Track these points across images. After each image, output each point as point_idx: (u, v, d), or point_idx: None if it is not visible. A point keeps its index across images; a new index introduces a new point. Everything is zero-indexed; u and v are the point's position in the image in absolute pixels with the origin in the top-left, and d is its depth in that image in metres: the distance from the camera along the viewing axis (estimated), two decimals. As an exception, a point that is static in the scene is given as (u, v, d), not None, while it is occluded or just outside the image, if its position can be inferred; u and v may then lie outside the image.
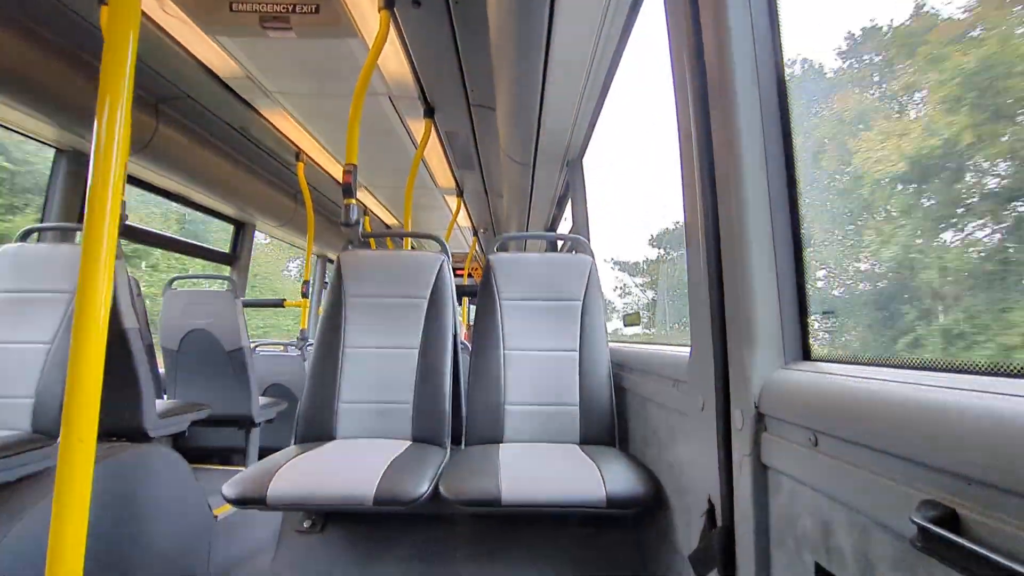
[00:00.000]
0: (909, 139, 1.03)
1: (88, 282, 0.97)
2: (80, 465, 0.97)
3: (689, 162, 1.03)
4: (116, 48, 1.00)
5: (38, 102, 2.04)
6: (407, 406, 1.71)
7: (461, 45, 2.29)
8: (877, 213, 1.13)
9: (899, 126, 1.07)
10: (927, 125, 1.00)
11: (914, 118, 1.05)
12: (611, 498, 1.24)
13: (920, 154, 1.00)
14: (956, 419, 0.47)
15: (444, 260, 1.87)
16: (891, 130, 1.08)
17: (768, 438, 0.78)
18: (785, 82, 0.92)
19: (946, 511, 0.46)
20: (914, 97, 1.07)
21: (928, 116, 1.02)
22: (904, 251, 1.04)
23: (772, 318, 0.85)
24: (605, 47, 1.93)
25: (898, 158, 1.04)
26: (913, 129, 1.04)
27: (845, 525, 0.61)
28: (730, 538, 0.87)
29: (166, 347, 2.88)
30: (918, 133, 1.02)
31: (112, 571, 1.56)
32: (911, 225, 1.03)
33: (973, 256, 0.89)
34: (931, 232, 1.00)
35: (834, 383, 0.67)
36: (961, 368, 0.61)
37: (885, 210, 1.10)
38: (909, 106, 1.08)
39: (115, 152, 1.00)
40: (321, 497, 1.26)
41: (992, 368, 0.57)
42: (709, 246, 0.95)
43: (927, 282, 0.96)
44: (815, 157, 1.23)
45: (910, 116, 1.06)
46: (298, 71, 2.49)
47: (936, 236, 0.99)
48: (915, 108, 1.06)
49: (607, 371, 1.75)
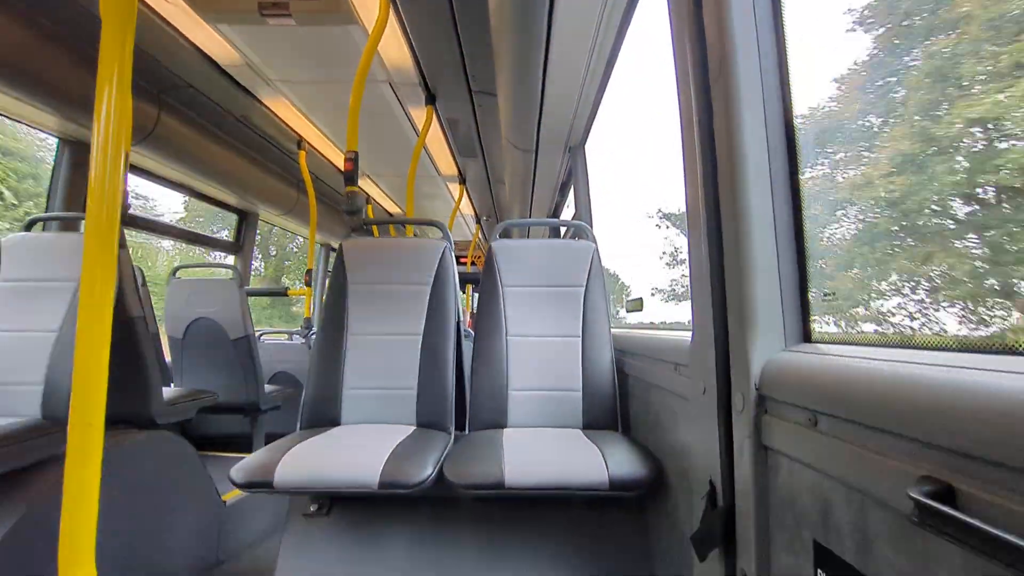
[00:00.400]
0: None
1: (91, 270, 0.98)
2: (90, 450, 0.98)
3: (691, 145, 1.02)
4: (114, 36, 1.00)
5: (40, 92, 2.04)
6: (411, 392, 1.73)
7: (461, 31, 2.27)
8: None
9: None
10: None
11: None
12: (613, 481, 1.25)
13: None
14: (953, 396, 0.48)
15: (446, 246, 1.88)
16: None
17: (768, 420, 0.79)
18: (788, 64, 0.91)
19: (942, 486, 0.47)
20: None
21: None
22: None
23: (773, 301, 0.86)
24: (607, 32, 1.91)
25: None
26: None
27: (843, 503, 0.62)
28: (731, 518, 0.88)
29: (172, 336, 2.90)
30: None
31: (124, 554, 1.60)
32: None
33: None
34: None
35: (833, 364, 0.67)
36: (958, 347, 0.62)
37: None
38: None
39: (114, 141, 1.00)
40: (327, 481, 1.28)
41: (988, 346, 0.58)
42: (710, 230, 0.95)
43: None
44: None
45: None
46: (298, 59, 2.48)
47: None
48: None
49: (609, 356, 1.76)
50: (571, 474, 1.28)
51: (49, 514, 1.40)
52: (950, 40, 0.93)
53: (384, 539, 1.49)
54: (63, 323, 1.72)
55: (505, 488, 1.25)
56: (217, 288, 2.87)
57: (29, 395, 1.67)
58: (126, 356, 1.82)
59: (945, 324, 0.95)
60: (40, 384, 1.67)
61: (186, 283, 2.91)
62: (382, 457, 1.32)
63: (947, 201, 0.95)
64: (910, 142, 1.03)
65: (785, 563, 0.75)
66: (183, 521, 1.87)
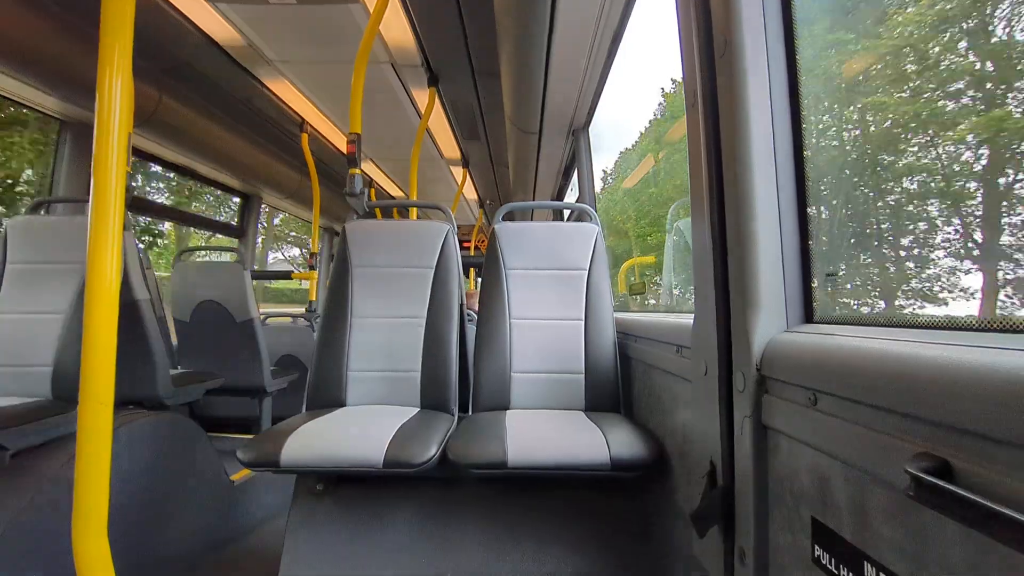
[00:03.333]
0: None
1: (97, 252, 0.99)
2: (100, 430, 1.00)
3: (695, 125, 1.01)
4: (114, 17, 0.99)
5: (42, 73, 2.03)
6: (415, 374, 1.74)
7: (464, 10, 2.24)
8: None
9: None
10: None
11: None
12: (615, 461, 1.27)
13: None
14: (951, 373, 0.48)
15: (449, 229, 1.87)
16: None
17: (769, 399, 0.79)
18: (795, 42, 0.90)
19: (939, 462, 0.47)
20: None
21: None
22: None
23: (776, 282, 0.86)
24: (611, 12, 1.88)
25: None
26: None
27: (841, 480, 0.63)
28: (730, 497, 0.89)
29: (178, 318, 2.93)
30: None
31: (135, 532, 1.63)
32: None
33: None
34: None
35: (834, 343, 0.68)
36: (957, 326, 0.62)
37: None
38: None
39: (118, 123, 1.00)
40: (332, 460, 1.29)
41: (986, 325, 0.58)
42: (714, 209, 0.95)
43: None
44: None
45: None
46: (299, 38, 2.45)
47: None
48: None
49: (612, 339, 1.77)
50: (573, 454, 1.29)
51: (61, 492, 1.43)
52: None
53: (389, 517, 1.52)
54: (70, 305, 1.73)
55: (508, 468, 1.27)
56: (222, 271, 2.89)
57: (39, 376, 1.69)
58: (133, 339, 1.83)
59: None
60: (50, 365, 1.70)
61: (192, 266, 2.92)
62: (387, 437, 1.33)
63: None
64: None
65: (783, 540, 0.76)
66: (192, 500, 1.90)
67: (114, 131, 1.00)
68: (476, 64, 2.75)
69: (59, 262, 1.78)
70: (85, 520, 0.99)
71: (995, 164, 0.91)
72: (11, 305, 1.75)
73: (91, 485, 1.00)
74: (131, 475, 1.64)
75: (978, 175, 0.93)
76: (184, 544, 1.84)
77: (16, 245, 1.81)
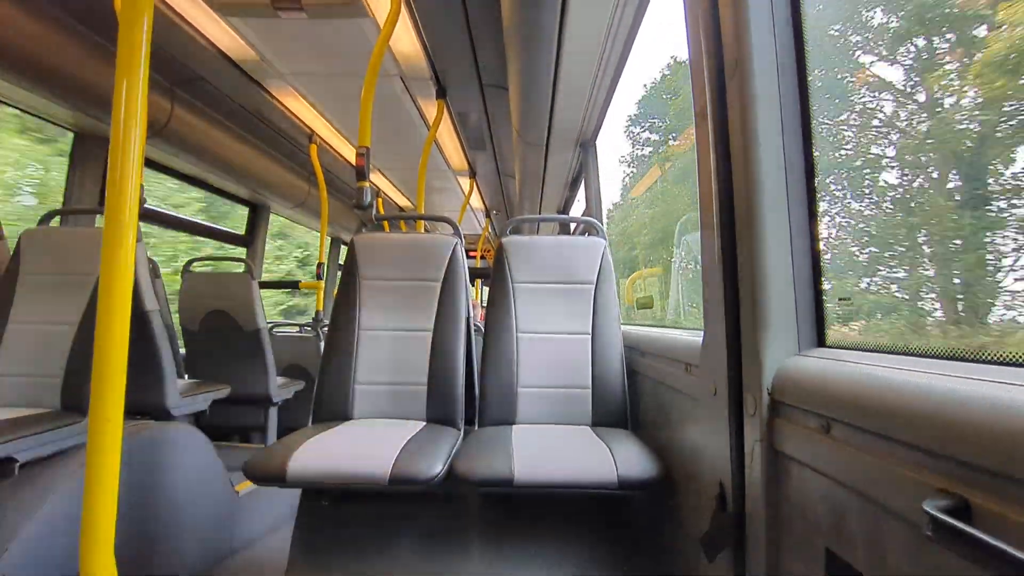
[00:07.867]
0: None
1: (110, 264, 0.99)
2: (109, 442, 1.00)
3: (704, 142, 1.01)
4: (131, 30, 1.00)
5: (56, 85, 2.06)
6: (422, 387, 1.73)
7: (473, 25, 2.25)
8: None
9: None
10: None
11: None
12: (622, 480, 1.25)
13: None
14: (971, 409, 0.47)
15: (457, 243, 1.87)
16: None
17: (780, 424, 0.78)
18: (806, 63, 0.89)
19: (959, 501, 0.46)
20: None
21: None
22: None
23: (787, 304, 0.85)
24: (620, 26, 1.89)
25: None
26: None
27: (857, 512, 0.62)
28: (741, 522, 0.87)
29: (186, 328, 2.94)
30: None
31: (141, 543, 1.63)
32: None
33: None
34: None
35: (849, 370, 0.67)
36: (977, 358, 0.60)
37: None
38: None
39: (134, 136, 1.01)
40: (338, 476, 1.29)
41: (1008, 359, 0.56)
42: (723, 229, 0.94)
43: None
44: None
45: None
46: (310, 53, 2.48)
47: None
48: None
49: (619, 354, 1.76)
50: (580, 472, 1.28)
51: (70, 504, 1.43)
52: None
53: (394, 533, 1.51)
54: (81, 316, 1.74)
55: (514, 485, 1.26)
56: (230, 281, 2.90)
57: (49, 386, 1.70)
58: (141, 349, 1.84)
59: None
60: (59, 376, 1.70)
61: (200, 276, 2.94)
62: (393, 452, 1.33)
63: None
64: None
65: (796, 569, 0.74)
66: (198, 511, 1.90)
67: (129, 143, 1.01)
68: (484, 77, 2.76)
69: (71, 273, 1.79)
70: (93, 535, 0.99)
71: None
72: (23, 315, 1.77)
73: (99, 501, 0.99)
74: (137, 486, 1.64)
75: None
76: (188, 556, 1.83)
77: (29, 256, 1.83)
